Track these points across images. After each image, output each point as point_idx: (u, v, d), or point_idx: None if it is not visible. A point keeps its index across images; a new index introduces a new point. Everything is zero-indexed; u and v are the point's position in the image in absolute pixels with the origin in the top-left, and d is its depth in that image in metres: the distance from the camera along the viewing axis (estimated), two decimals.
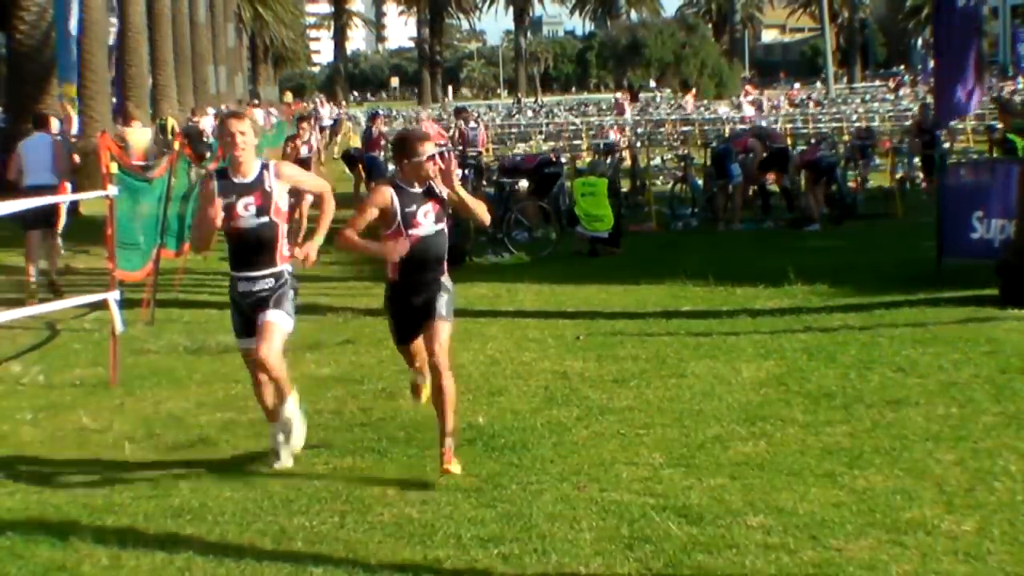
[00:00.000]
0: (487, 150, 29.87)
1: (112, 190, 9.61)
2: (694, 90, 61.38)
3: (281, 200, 6.77)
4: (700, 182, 20.74)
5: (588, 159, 25.60)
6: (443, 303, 6.60)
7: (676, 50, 71.12)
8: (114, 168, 9.73)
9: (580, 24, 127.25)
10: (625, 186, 22.30)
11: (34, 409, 8.53)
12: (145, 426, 8.01)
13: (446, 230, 6.69)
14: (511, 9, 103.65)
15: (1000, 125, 14.83)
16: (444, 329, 6.56)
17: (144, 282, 11.91)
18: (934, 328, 9.96)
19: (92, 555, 5.60)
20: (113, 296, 9.54)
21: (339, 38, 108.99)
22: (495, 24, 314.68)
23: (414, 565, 5.35)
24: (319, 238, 6.87)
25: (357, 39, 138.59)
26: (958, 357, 8.86)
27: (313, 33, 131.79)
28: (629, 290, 12.99)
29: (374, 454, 7.14)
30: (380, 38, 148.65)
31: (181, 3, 46.91)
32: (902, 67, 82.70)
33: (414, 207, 6.51)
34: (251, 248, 6.72)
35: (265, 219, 6.68)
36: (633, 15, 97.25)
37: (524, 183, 20.12)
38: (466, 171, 19.05)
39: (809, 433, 7.17)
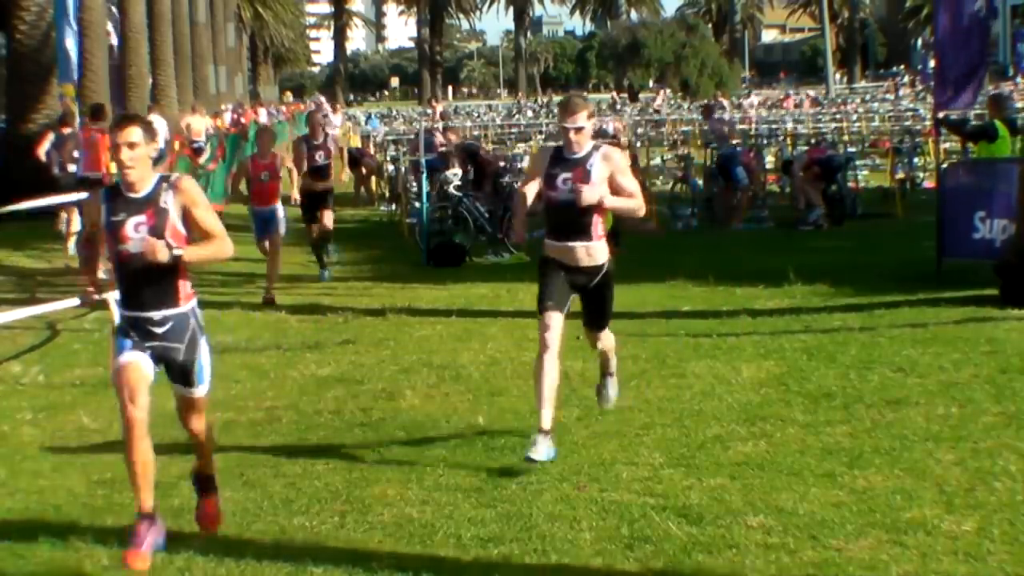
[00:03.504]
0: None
1: None
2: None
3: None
4: (700, 182, 20.73)
5: None
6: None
7: (676, 50, 71.04)
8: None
9: (580, 24, 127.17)
10: None
11: (34, 409, 8.53)
12: None
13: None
14: (511, 9, 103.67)
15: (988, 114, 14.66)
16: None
17: None
18: (934, 328, 9.95)
19: (92, 555, 5.59)
20: (113, 296, 9.51)
21: (339, 38, 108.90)
22: (495, 24, 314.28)
23: (414, 565, 5.35)
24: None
25: (357, 39, 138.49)
26: (958, 357, 8.85)
27: (313, 33, 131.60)
28: (629, 290, 12.95)
29: (374, 454, 7.13)
30: (380, 38, 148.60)
31: (181, 3, 46.87)
32: (902, 67, 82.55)
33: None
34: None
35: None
36: (633, 15, 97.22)
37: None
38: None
39: (809, 433, 7.16)
